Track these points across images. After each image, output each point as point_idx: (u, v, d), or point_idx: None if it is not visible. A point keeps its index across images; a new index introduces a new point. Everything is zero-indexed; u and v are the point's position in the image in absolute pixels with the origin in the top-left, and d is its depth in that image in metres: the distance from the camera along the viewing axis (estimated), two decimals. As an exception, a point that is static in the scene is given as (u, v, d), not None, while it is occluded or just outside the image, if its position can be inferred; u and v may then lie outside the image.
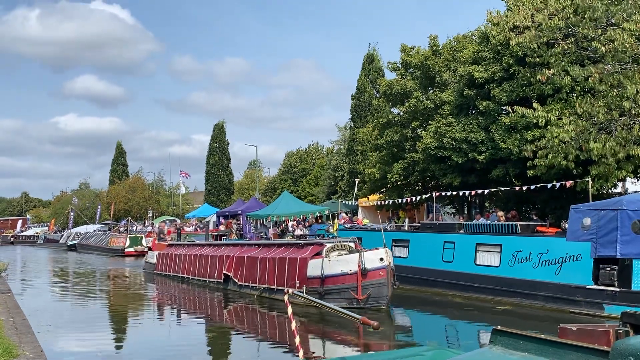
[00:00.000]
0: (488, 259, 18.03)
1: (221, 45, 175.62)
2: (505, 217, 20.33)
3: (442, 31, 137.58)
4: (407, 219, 27.85)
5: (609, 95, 14.42)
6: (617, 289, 14.22)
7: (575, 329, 3.39)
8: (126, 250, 45.86)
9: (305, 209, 33.13)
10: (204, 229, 39.93)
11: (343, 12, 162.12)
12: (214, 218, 45.54)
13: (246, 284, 20.71)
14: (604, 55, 14.22)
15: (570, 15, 14.36)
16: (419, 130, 25.49)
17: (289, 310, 7.93)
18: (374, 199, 30.60)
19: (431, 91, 26.28)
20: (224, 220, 40.02)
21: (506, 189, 20.38)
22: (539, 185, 18.60)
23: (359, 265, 16.46)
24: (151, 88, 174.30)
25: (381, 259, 16.53)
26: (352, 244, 18.06)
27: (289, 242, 21.55)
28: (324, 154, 60.22)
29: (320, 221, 33.11)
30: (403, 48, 27.47)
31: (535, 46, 16.10)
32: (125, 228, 55.11)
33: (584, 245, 14.54)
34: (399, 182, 27.25)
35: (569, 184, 17.89)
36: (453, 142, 21.93)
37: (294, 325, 7.65)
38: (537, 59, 17.86)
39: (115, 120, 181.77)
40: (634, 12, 13.02)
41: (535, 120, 16.44)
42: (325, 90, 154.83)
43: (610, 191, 19.70)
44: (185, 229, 43.13)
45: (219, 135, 68.07)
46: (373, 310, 15.90)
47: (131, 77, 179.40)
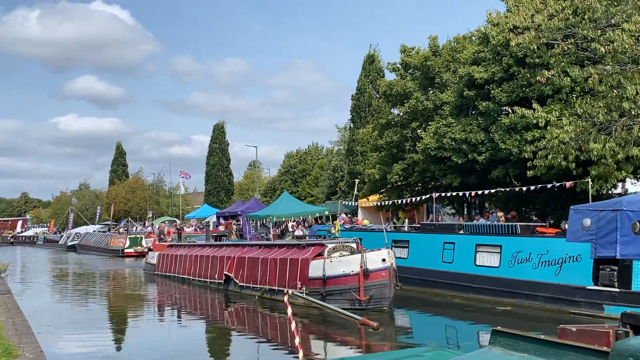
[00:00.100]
0: (488, 259, 18.03)
1: (221, 46, 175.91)
2: (505, 218, 20.33)
3: (442, 32, 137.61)
4: (407, 220, 27.85)
5: (608, 96, 14.42)
6: (617, 290, 14.22)
7: (575, 329, 3.39)
8: (126, 250, 45.88)
9: (305, 209, 33.09)
10: (204, 229, 39.90)
11: (343, 13, 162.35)
12: (213, 219, 45.55)
13: (247, 285, 20.57)
14: (603, 56, 14.22)
15: (569, 16, 14.37)
16: (419, 130, 25.49)
17: (289, 311, 7.95)
18: (374, 199, 30.61)
19: (431, 92, 26.28)
20: (224, 221, 40.03)
21: (506, 189, 20.39)
22: (539, 186, 18.60)
23: (361, 266, 16.31)
24: (151, 88, 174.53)
25: (383, 260, 16.36)
26: (354, 245, 17.89)
27: (290, 243, 21.38)
28: (323, 154, 60.21)
29: (320, 222, 33.09)
30: (403, 49, 27.48)
31: (535, 47, 16.10)
32: (125, 229, 55.11)
33: (584, 246, 14.54)
34: (399, 183, 27.25)
35: (568, 184, 17.90)
36: (453, 143, 21.93)
37: (293, 326, 7.67)
38: (537, 60, 17.87)
39: (115, 121, 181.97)
40: (634, 13, 13.02)
41: (535, 120, 16.44)
42: (325, 91, 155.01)
43: (610, 192, 19.70)
44: (185, 230, 43.12)
45: (218, 136, 68.09)
46: (375, 312, 15.80)
47: (131, 78, 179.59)
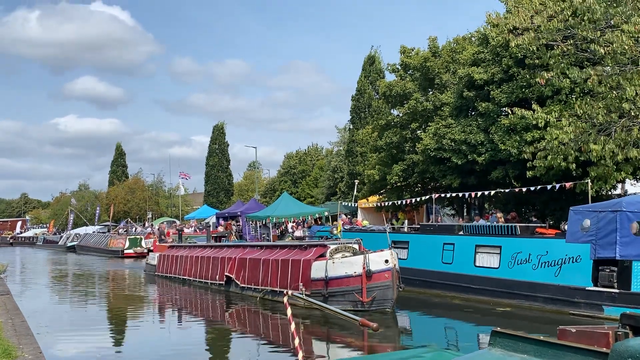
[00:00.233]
0: (487, 260, 18.02)
1: (221, 47, 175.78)
2: (504, 219, 20.32)
3: (442, 33, 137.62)
4: (407, 221, 27.85)
5: (608, 97, 14.41)
6: (617, 291, 14.22)
7: (574, 330, 3.39)
8: (125, 251, 45.86)
9: (305, 210, 33.10)
10: (204, 230, 39.89)
11: (343, 14, 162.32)
12: (213, 219, 45.54)
13: (248, 286, 20.42)
14: (603, 57, 14.23)
15: (569, 17, 14.36)
16: (419, 131, 25.49)
17: (288, 312, 7.96)
18: (374, 200, 30.62)
19: (431, 92, 26.27)
20: (223, 222, 40.03)
21: (506, 190, 20.39)
22: (539, 187, 18.60)
23: (364, 267, 16.15)
24: (151, 89, 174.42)
25: (386, 261, 16.19)
26: (356, 246, 17.70)
27: (292, 244, 21.19)
28: (323, 155, 60.22)
29: (320, 222, 33.09)
30: (402, 49, 27.47)
31: (535, 48, 16.10)
32: (124, 229, 55.10)
33: (584, 247, 14.53)
34: (399, 184, 27.25)
35: (568, 185, 17.89)
36: (452, 144, 21.93)
37: (292, 326, 7.67)
38: (537, 61, 17.88)
39: (115, 122, 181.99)
40: (633, 14, 13.02)
41: (534, 121, 16.44)
42: (325, 92, 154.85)
43: (610, 193, 19.70)
44: (185, 231, 43.13)
45: (218, 137, 68.09)
46: (378, 313, 15.72)
47: (131, 79, 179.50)
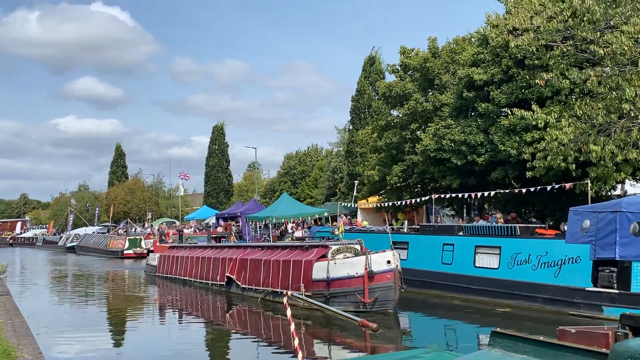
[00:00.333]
0: (487, 261, 18.03)
1: (221, 47, 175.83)
2: (504, 219, 20.32)
3: (442, 33, 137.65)
4: (407, 221, 27.85)
5: (607, 97, 14.42)
6: (616, 291, 14.23)
7: (574, 331, 3.40)
8: (125, 252, 45.87)
9: (305, 211, 33.04)
10: (205, 230, 39.86)
11: (343, 15, 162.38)
12: (212, 220, 45.51)
13: (249, 287, 20.35)
14: (602, 58, 14.23)
15: (568, 18, 14.37)
16: (418, 132, 25.49)
17: (288, 312, 7.96)
18: (373, 201, 30.60)
19: (430, 93, 26.27)
20: (223, 222, 40.00)
21: (505, 191, 20.39)
22: (538, 188, 18.60)
23: (366, 268, 16.11)
24: (151, 89, 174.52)
25: (388, 262, 16.16)
26: (358, 247, 17.66)
27: (293, 244, 21.11)
28: (323, 155, 60.21)
29: (319, 223, 33.07)
30: (402, 50, 27.46)
31: (534, 48, 16.10)
32: (124, 230, 55.08)
33: (583, 248, 14.53)
34: (398, 184, 27.24)
35: (568, 186, 17.89)
36: (452, 144, 21.92)
37: (292, 327, 7.68)
38: (536, 61, 17.87)
39: (114, 122, 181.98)
40: (632, 15, 13.02)
41: (534, 122, 16.44)
42: (324, 92, 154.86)
43: (609, 193, 19.69)
44: (185, 231, 43.11)
45: (218, 137, 68.09)
46: (380, 314, 15.69)
47: (131, 79, 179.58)
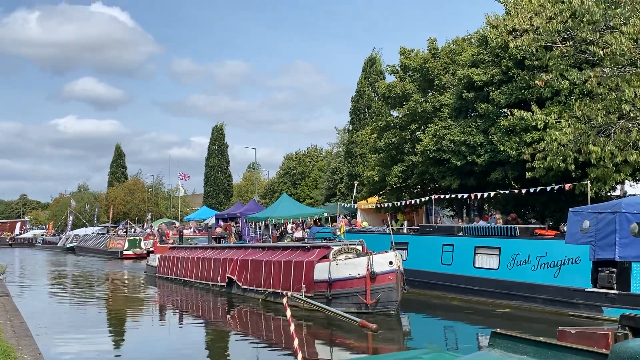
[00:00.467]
0: (487, 261, 18.03)
1: (221, 48, 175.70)
2: (504, 220, 20.32)
3: (441, 34, 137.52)
4: (406, 222, 27.85)
5: (607, 98, 14.42)
6: (616, 292, 14.23)
7: (574, 331, 3.40)
8: (125, 252, 45.84)
9: (304, 211, 33.05)
10: (204, 231, 39.84)
11: (343, 15, 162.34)
12: (212, 220, 45.49)
13: (250, 288, 20.27)
14: (602, 59, 14.24)
15: (568, 19, 14.37)
16: (418, 132, 25.50)
17: (288, 313, 7.96)
18: (373, 201, 30.60)
19: (430, 94, 26.28)
20: (223, 223, 39.97)
21: (505, 191, 20.39)
22: (538, 188, 18.60)
23: (368, 269, 16.04)
24: (151, 90, 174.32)
25: (390, 263, 16.08)
26: (360, 247, 17.57)
27: (294, 245, 21.01)
28: (322, 156, 60.21)
29: (319, 223, 33.08)
30: (402, 51, 27.48)
31: (534, 49, 16.10)
32: (123, 230, 55.07)
33: (583, 248, 14.53)
34: (398, 185, 27.24)
35: (567, 186, 17.89)
36: (452, 145, 21.93)
37: (292, 328, 7.68)
38: (536, 62, 17.89)
39: (114, 123, 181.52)
40: (632, 16, 13.03)
41: (533, 123, 16.45)
42: (324, 93, 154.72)
43: (609, 194, 19.71)
44: (185, 232, 43.11)
45: (217, 138, 68.08)
46: (382, 315, 15.65)
47: (131, 79, 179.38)
